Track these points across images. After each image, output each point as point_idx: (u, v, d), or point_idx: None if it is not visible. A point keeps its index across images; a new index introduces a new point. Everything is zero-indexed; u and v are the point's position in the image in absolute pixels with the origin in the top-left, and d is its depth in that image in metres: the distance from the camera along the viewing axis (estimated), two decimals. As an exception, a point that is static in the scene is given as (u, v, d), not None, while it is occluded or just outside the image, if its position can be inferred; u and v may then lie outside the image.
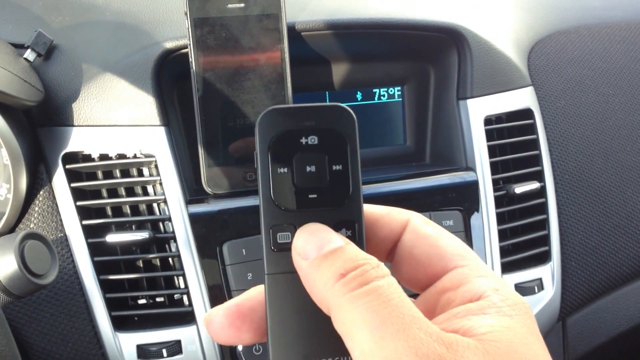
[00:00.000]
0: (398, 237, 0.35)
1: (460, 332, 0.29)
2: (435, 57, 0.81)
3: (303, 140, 0.33)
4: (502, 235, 0.77)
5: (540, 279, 0.80)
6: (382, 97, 0.83)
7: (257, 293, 0.34)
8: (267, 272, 0.32)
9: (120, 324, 0.68)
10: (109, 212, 0.69)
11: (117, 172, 0.69)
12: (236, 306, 0.33)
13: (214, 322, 0.33)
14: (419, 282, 0.34)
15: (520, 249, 0.80)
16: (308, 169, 0.33)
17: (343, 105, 0.33)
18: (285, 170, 0.33)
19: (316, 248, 0.31)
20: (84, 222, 0.67)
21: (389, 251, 0.35)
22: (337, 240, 0.31)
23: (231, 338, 0.33)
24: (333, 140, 0.33)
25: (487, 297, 0.31)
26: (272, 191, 0.33)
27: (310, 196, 0.33)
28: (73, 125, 0.68)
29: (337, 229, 0.32)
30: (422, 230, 0.34)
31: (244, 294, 0.34)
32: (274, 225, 0.32)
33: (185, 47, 0.69)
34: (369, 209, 0.35)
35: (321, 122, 0.33)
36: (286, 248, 0.32)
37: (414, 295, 0.34)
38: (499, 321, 0.29)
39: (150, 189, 0.69)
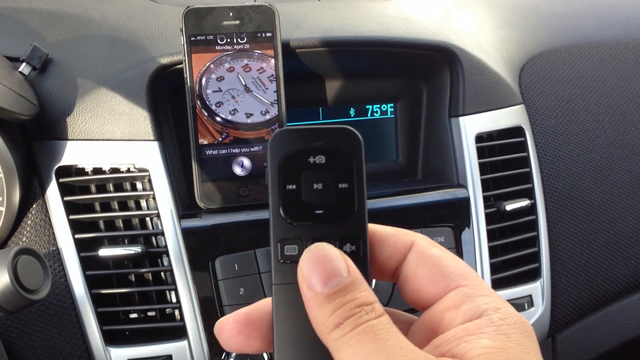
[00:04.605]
0: (403, 258, 0.36)
1: (458, 356, 0.30)
2: (428, 74, 0.82)
3: (311, 160, 0.35)
4: (493, 252, 0.78)
5: (530, 296, 0.80)
6: (374, 114, 0.83)
7: (266, 303, 0.35)
8: (274, 282, 0.34)
9: (112, 339, 0.68)
10: (102, 226, 0.69)
11: (111, 186, 0.69)
12: (245, 314, 0.34)
13: (224, 330, 0.34)
14: (423, 300, 0.35)
15: (510, 265, 0.80)
16: (315, 186, 0.34)
17: (350, 127, 0.35)
18: (294, 186, 0.34)
19: (321, 281, 0.31)
20: (77, 236, 0.67)
21: (393, 270, 0.36)
22: (341, 271, 0.32)
23: (240, 345, 0.34)
24: (340, 160, 0.35)
25: (487, 315, 0.32)
26: (281, 206, 0.34)
27: (317, 212, 0.34)
28: (67, 139, 0.69)
29: (342, 243, 0.34)
30: (427, 252, 0.35)
31: (254, 303, 0.35)
32: (282, 239, 0.34)
33: (180, 62, 0.69)
34: (376, 228, 0.36)
35: (329, 142, 0.35)
36: (293, 260, 0.33)
37: (418, 314, 0.36)
38: (495, 342, 0.30)
39: (143, 203, 0.69)
